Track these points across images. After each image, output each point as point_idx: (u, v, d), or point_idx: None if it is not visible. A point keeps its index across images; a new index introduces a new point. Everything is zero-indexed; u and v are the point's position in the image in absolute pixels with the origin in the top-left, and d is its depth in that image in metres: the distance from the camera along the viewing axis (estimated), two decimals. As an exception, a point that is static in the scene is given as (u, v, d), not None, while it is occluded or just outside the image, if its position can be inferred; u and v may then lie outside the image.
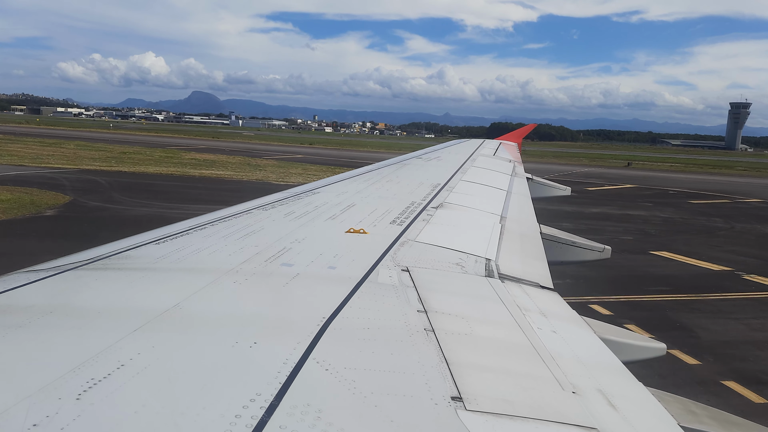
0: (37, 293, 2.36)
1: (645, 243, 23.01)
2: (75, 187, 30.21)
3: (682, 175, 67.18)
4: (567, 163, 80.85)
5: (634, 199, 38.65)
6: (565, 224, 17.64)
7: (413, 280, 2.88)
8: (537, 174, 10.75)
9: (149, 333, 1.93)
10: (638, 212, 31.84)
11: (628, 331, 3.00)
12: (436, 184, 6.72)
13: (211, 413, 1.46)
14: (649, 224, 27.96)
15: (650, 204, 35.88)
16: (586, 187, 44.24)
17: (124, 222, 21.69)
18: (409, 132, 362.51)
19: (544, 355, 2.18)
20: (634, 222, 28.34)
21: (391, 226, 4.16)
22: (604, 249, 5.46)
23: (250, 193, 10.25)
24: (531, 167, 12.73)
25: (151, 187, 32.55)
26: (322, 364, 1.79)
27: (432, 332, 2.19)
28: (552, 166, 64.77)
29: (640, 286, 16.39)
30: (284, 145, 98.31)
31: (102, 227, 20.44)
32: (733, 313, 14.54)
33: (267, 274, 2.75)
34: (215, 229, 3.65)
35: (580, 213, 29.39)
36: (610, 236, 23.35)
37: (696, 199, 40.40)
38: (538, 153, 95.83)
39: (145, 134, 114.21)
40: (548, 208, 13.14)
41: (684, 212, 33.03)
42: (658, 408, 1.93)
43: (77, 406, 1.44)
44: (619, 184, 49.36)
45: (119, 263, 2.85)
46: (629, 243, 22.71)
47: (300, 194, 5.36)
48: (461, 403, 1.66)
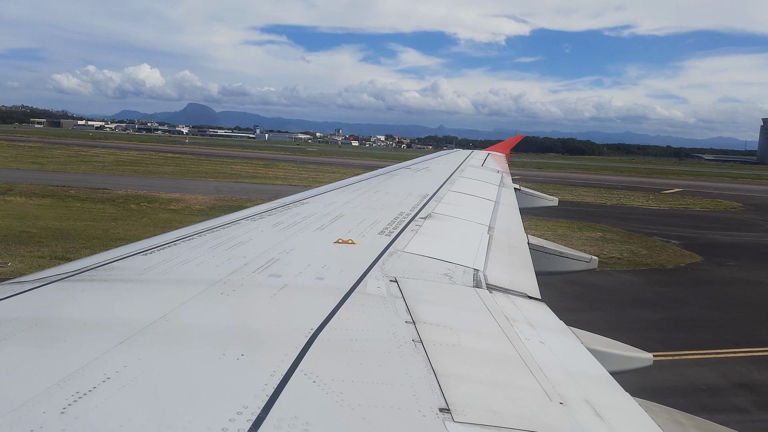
0: (21, 305, 2.33)
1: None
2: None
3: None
4: (663, 177, 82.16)
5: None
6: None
7: (401, 291, 2.88)
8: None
9: (136, 345, 1.92)
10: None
11: (615, 342, 3.02)
12: (425, 194, 6.74)
13: (198, 426, 1.45)
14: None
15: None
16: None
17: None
18: (435, 146, 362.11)
19: (532, 365, 2.19)
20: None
21: (380, 236, 4.16)
22: (591, 259, 5.50)
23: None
24: (636, 180, 12.90)
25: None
26: (310, 376, 1.79)
27: (420, 343, 2.20)
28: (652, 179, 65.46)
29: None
30: (360, 159, 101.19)
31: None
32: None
33: (255, 285, 2.74)
34: (203, 240, 3.63)
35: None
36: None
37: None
38: (596, 168, 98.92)
39: (220, 149, 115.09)
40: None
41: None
42: (644, 418, 1.94)
43: (62, 420, 1.43)
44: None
45: (106, 274, 2.82)
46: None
47: (288, 204, 5.35)
48: (449, 414, 1.66)
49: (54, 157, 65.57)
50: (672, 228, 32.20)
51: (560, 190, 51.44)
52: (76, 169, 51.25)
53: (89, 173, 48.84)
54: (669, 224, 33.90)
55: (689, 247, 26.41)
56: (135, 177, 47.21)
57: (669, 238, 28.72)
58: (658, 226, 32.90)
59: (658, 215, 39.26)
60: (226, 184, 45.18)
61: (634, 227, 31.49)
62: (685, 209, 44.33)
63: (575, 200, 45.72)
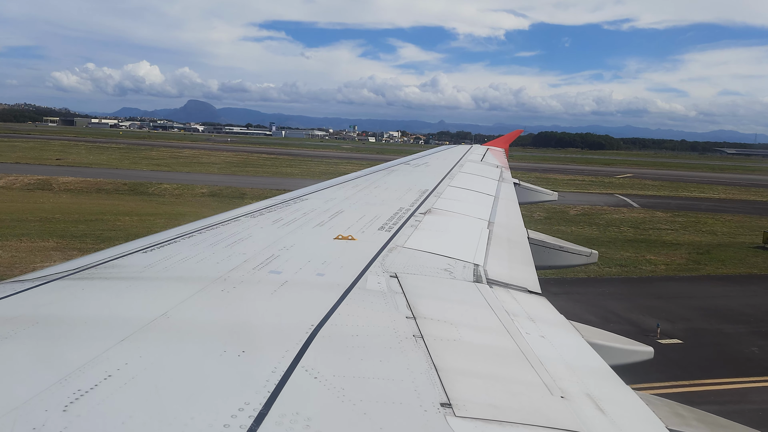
0: (22, 304, 2.33)
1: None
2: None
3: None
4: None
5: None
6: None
7: (402, 287, 2.88)
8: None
9: (137, 343, 1.92)
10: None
11: (615, 335, 3.02)
12: (424, 189, 6.73)
13: (200, 423, 1.45)
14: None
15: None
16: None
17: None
18: (451, 141, 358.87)
19: (533, 360, 2.19)
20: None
21: (380, 232, 4.16)
22: (591, 253, 5.50)
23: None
24: (711, 176, 13.06)
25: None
26: (311, 372, 1.79)
27: (421, 338, 2.20)
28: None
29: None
30: (398, 155, 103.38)
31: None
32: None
33: (255, 282, 2.74)
34: (203, 237, 3.63)
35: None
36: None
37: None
38: (629, 162, 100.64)
39: (266, 147, 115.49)
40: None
41: None
42: (646, 411, 1.95)
43: (64, 418, 1.43)
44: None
45: (106, 272, 2.82)
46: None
47: (288, 201, 5.34)
48: (450, 409, 1.66)
49: (163, 159, 67.97)
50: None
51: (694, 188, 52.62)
52: (224, 171, 53.95)
53: (240, 175, 51.24)
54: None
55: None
56: (274, 177, 48.89)
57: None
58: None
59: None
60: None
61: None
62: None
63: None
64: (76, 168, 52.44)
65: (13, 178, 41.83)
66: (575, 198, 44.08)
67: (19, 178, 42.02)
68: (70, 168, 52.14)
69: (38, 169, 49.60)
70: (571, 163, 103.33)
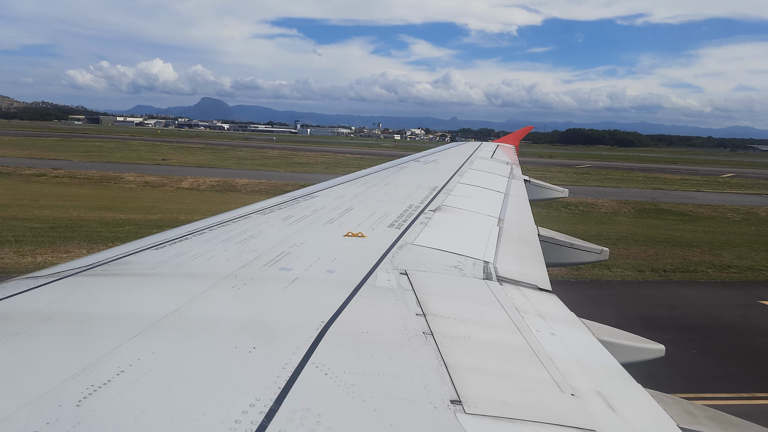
0: (36, 299, 2.36)
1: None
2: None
3: None
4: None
5: None
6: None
7: (411, 284, 2.88)
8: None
9: (149, 339, 1.94)
10: None
11: (626, 333, 3.00)
12: (434, 186, 6.72)
13: (211, 418, 1.46)
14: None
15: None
16: None
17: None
18: (475, 138, 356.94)
19: (543, 357, 2.19)
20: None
21: (390, 229, 4.16)
22: (602, 251, 5.47)
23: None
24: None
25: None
26: (321, 369, 1.79)
27: (431, 335, 2.20)
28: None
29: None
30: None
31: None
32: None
33: (266, 279, 2.75)
34: (214, 234, 3.65)
35: None
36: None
37: None
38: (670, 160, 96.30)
39: (319, 146, 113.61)
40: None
41: None
42: (656, 409, 1.94)
43: (77, 413, 1.45)
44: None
45: (118, 269, 2.85)
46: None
47: (298, 198, 5.36)
48: (460, 406, 1.67)
49: (258, 159, 67.04)
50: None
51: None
52: (347, 171, 53.25)
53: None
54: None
55: None
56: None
57: None
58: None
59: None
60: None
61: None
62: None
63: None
64: (191, 168, 50.70)
65: (193, 180, 40.97)
66: (727, 198, 41.84)
67: (199, 180, 41.12)
68: (189, 168, 50.44)
69: (188, 170, 47.51)
70: (645, 162, 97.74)
